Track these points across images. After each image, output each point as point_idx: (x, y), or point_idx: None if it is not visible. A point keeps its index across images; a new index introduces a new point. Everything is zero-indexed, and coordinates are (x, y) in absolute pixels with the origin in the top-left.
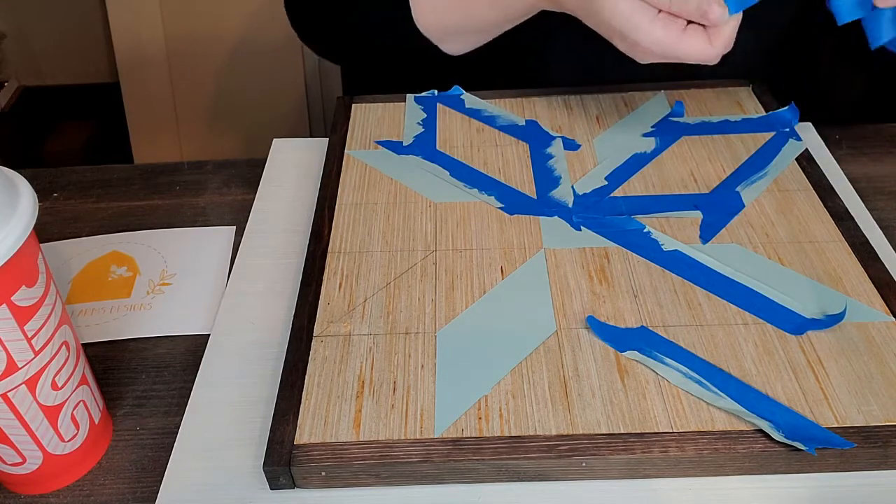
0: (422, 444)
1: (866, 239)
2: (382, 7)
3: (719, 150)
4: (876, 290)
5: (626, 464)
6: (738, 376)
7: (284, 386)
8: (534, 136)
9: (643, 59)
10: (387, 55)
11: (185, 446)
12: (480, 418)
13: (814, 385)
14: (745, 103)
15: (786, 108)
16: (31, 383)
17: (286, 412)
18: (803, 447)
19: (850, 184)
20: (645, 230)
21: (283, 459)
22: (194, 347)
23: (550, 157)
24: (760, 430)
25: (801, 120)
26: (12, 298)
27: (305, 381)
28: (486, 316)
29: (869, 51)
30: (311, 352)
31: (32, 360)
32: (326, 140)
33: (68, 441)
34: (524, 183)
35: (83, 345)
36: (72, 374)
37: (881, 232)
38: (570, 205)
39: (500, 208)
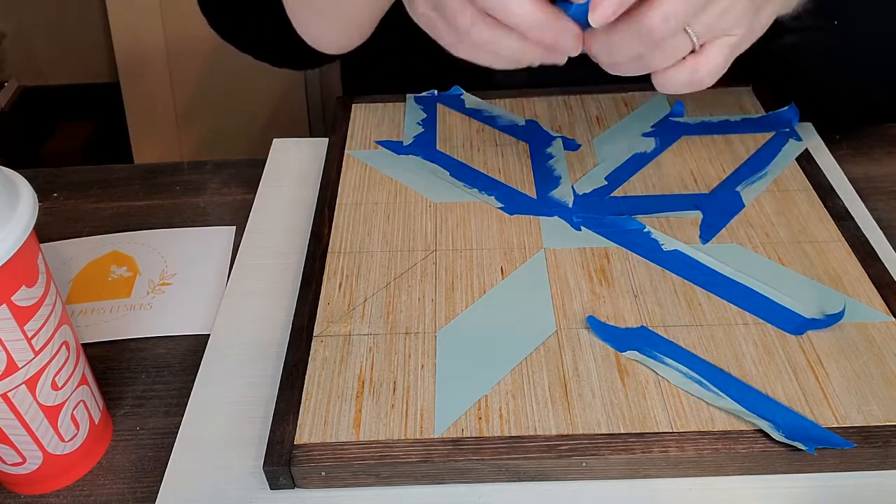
0: (422, 444)
1: (866, 239)
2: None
3: (719, 150)
4: (876, 290)
5: (626, 464)
6: (739, 376)
7: (284, 386)
8: (534, 136)
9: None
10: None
11: (185, 446)
12: (480, 418)
13: (814, 385)
14: (745, 103)
15: (786, 108)
16: (31, 383)
17: (286, 412)
18: (803, 447)
19: (850, 184)
20: (645, 230)
21: (283, 459)
22: (194, 347)
23: (550, 157)
24: (760, 430)
25: (801, 120)
26: (12, 298)
27: (305, 381)
28: (486, 316)
29: (863, 51)
30: (311, 352)
31: (32, 360)
32: (326, 140)
33: (68, 441)
34: (524, 183)
35: (83, 345)
36: (72, 374)
37: (881, 232)
38: (570, 205)
39: (500, 208)
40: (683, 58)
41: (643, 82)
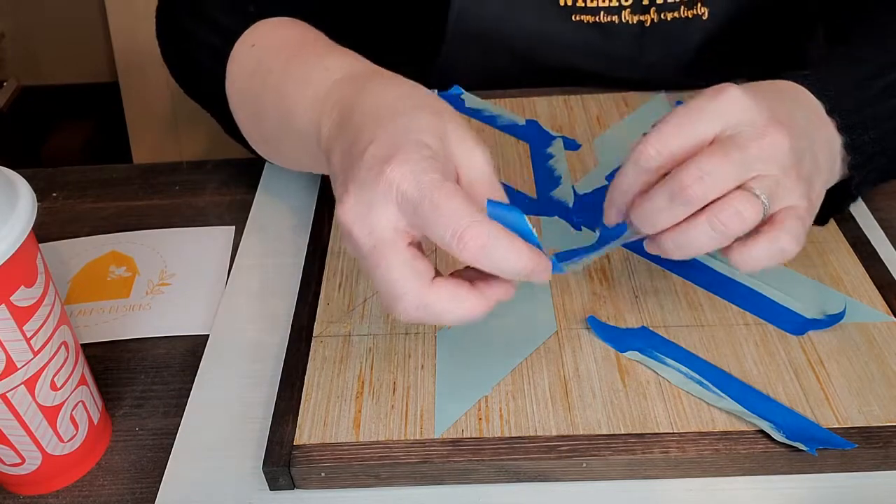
0: (421, 444)
1: (867, 239)
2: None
3: None
4: (877, 290)
5: (626, 464)
6: (739, 377)
7: (284, 386)
8: (534, 136)
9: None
10: None
11: (184, 447)
12: (480, 419)
13: (815, 385)
14: None
15: None
16: (30, 384)
17: (286, 413)
18: (804, 448)
19: None
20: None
21: (283, 460)
22: (193, 347)
23: (551, 156)
24: (761, 431)
25: None
26: (11, 298)
27: (305, 382)
28: (486, 316)
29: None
30: (311, 352)
31: (31, 360)
32: None
33: (67, 441)
34: (524, 183)
35: (82, 345)
36: (71, 374)
37: (882, 232)
38: (571, 205)
39: None
40: (760, 231)
41: (643, 89)
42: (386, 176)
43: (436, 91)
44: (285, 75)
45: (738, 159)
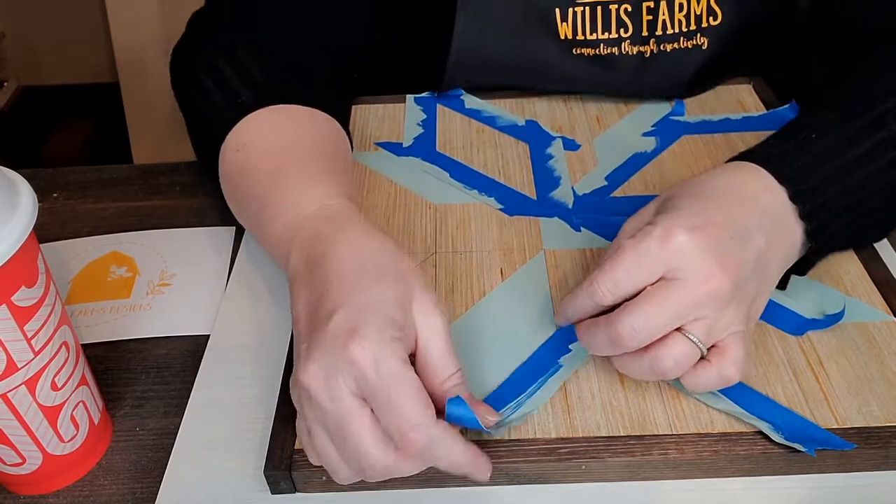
0: None
1: None
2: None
3: (720, 148)
4: (876, 290)
5: (625, 466)
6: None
7: (285, 389)
8: (534, 137)
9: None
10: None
11: (184, 447)
12: None
13: (814, 386)
14: (745, 101)
15: (787, 105)
16: (31, 384)
17: (287, 416)
18: (803, 448)
19: None
20: None
21: (284, 464)
22: (194, 348)
23: (550, 157)
24: (760, 432)
25: None
26: (12, 299)
27: None
28: (487, 318)
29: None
30: None
31: (32, 360)
32: None
33: (68, 441)
34: (524, 184)
35: (83, 345)
36: (71, 374)
37: None
38: (570, 205)
39: (500, 209)
40: (708, 360)
41: (637, 95)
42: (350, 353)
43: (435, 92)
44: (265, 194)
45: (673, 311)
